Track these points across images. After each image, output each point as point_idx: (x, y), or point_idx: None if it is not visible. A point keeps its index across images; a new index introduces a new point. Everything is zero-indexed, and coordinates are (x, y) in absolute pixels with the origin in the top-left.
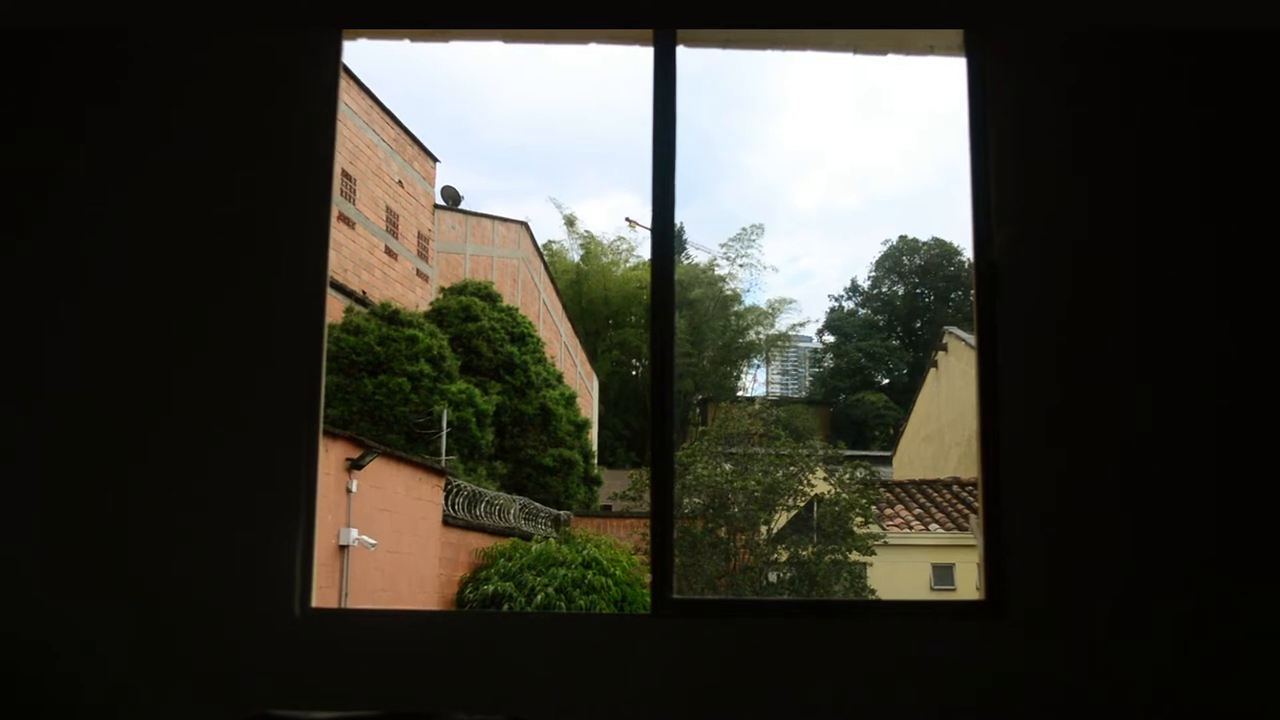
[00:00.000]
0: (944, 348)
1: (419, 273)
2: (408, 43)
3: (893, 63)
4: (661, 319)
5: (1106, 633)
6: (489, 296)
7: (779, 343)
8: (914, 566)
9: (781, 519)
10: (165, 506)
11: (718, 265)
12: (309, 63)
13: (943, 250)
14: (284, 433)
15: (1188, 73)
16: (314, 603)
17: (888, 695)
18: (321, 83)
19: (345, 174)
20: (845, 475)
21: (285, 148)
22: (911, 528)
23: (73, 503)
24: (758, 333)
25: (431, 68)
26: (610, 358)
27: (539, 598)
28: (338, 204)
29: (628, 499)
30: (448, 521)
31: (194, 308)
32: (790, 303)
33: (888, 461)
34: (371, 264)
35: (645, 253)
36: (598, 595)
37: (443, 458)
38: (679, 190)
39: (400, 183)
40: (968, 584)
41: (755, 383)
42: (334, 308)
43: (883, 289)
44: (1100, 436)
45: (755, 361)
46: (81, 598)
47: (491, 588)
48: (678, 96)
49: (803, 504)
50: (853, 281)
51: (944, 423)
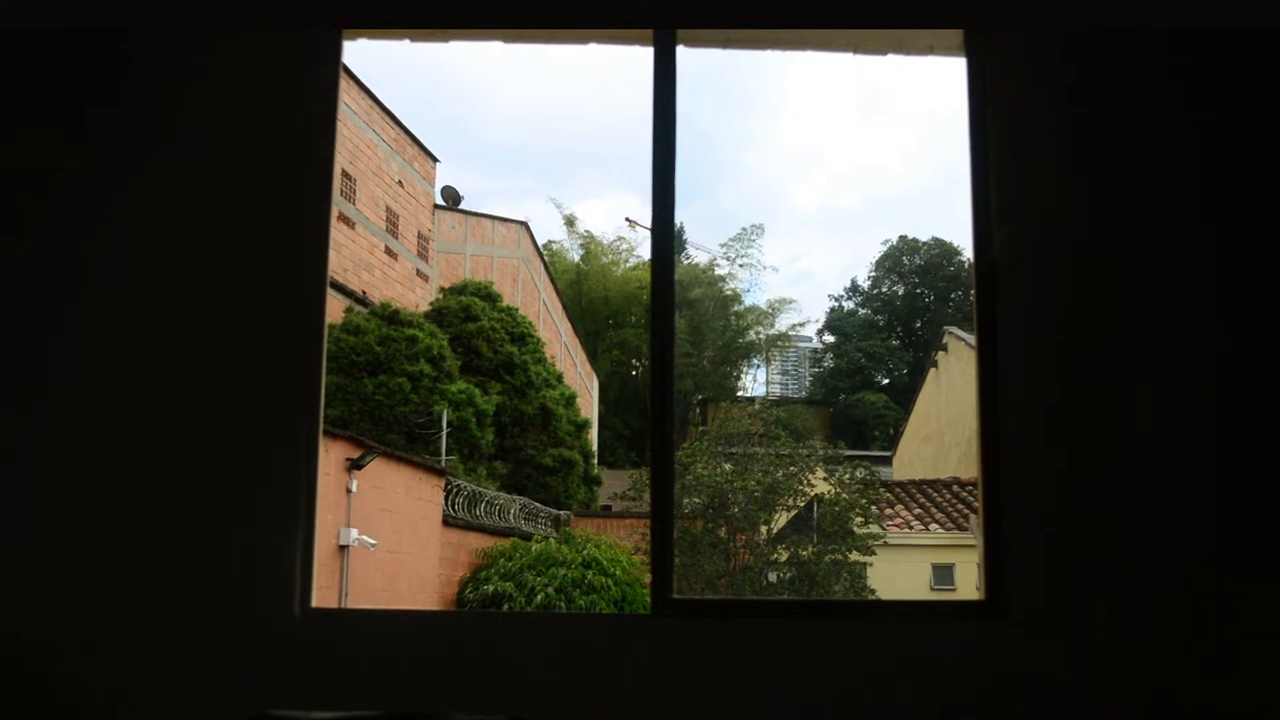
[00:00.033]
0: (944, 348)
1: (419, 273)
2: (408, 43)
3: (893, 63)
4: (661, 319)
5: (1106, 633)
6: (489, 296)
7: (779, 343)
8: (914, 566)
9: (781, 519)
10: (165, 506)
11: (718, 265)
12: (309, 63)
13: (943, 250)
14: (284, 433)
15: (1188, 73)
16: (314, 603)
17: (888, 695)
18: (321, 83)
19: (345, 174)
20: (845, 475)
21: (285, 148)
22: (911, 528)
23: (73, 503)
24: (758, 333)
25: (431, 68)
26: (610, 358)
27: (539, 598)
28: (338, 204)
29: (628, 499)
30: (448, 521)
31: (194, 308)
32: (790, 303)
33: (888, 461)
34: (371, 264)
35: (645, 253)
36: (598, 595)
37: (443, 458)
38: (679, 190)
39: (400, 183)
40: (968, 584)
41: (755, 383)
42: (334, 308)
43: (883, 289)
44: (1100, 436)
45: (755, 361)
46: (81, 598)
47: (491, 588)
48: (678, 96)
49: (803, 504)
50: (853, 281)
51: (944, 423)
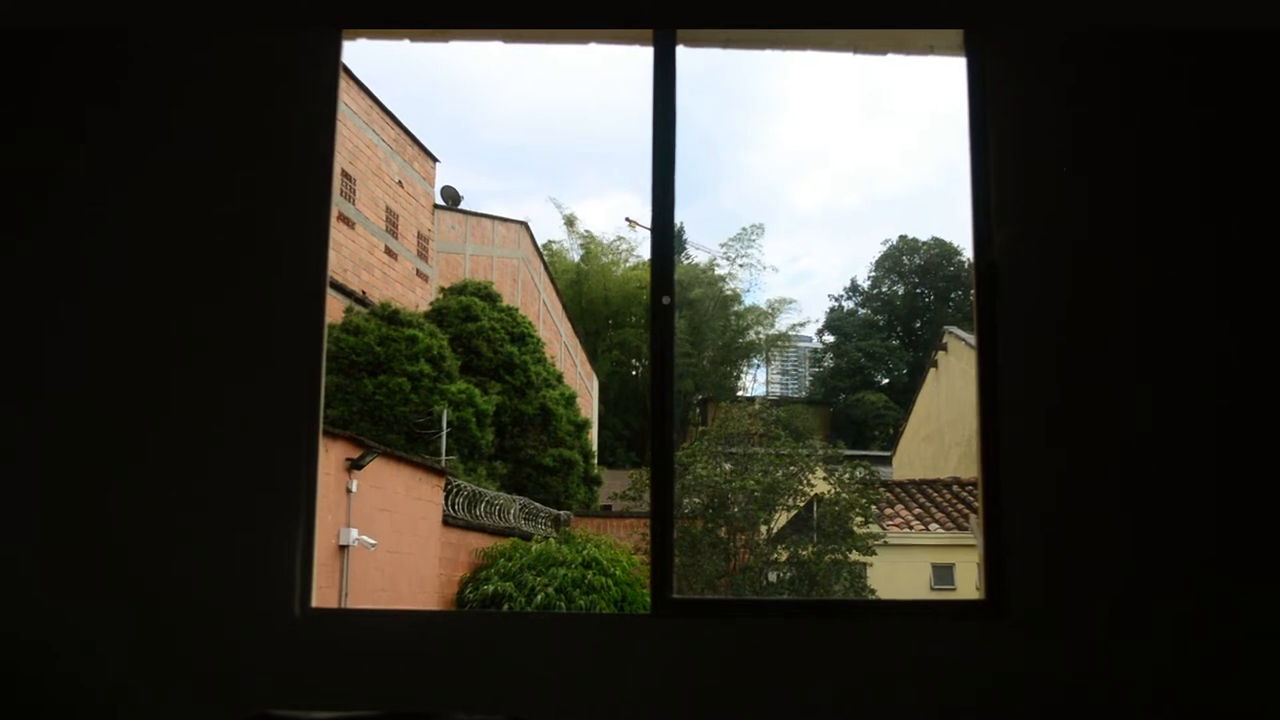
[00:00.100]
0: (944, 348)
1: (419, 273)
2: (408, 43)
3: (893, 63)
4: (661, 319)
5: (1106, 633)
6: (489, 296)
7: (779, 343)
8: (914, 566)
9: (781, 519)
10: (165, 506)
11: (718, 265)
12: (309, 63)
13: (943, 250)
14: (284, 433)
15: (1188, 73)
16: (314, 603)
17: (888, 695)
18: (321, 83)
19: (345, 174)
20: (845, 475)
21: (285, 148)
22: (911, 528)
23: (73, 503)
24: (758, 333)
25: (431, 68)
26: (610, 358)
27: (539, 598)
28: (338, 204)
29: (628, 499)
30: (448, 521)
31: (194, 308)
32: (790, 303)
33: (888, 461)
34: (371, 264)
35: (645, 253)
36: (598, 595)
37: (443, 458)
38: (679, 190)
39: (400, 183)
40: (968, 584)
41: (755, 383)
42: (334, 308)
43: (883, 289)
44: (1100, 436)
45: (755, 361)
46: (81, 598)
47: (491, 588)
48: (678, 96)
49: (803, 504)
50: (853, 281)
51: (944, 423)
